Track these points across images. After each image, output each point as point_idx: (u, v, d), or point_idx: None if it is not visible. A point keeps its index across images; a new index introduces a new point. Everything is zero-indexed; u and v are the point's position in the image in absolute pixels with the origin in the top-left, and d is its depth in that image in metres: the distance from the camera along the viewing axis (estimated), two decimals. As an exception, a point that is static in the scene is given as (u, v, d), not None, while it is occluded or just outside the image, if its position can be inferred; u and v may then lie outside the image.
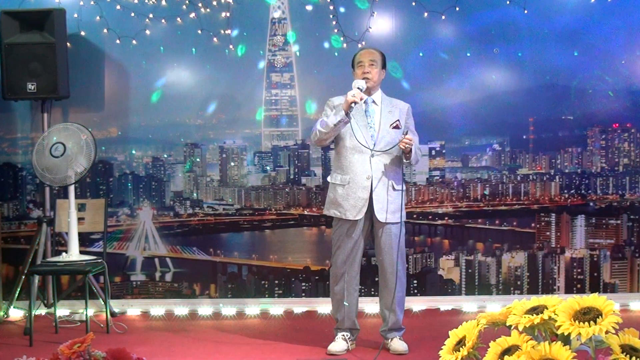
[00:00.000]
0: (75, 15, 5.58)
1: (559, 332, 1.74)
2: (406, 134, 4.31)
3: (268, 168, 5.91)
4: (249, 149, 5.90)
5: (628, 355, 1.73)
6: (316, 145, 4.67)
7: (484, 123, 5.82)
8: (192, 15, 5.64)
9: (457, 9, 5.59)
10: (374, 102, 4.47)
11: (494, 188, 5.85)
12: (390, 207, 4.36)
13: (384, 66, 4.50)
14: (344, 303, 4.46)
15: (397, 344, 4.48)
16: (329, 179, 4.58)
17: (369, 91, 4.42)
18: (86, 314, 4.93)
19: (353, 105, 4.23)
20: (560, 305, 1.79)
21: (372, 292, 5.54)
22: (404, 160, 4.38)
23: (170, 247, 5.86)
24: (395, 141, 4.34)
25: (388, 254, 4.43)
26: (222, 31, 5.68)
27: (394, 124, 4.40)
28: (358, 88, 4.27)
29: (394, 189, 4.37)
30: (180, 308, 5.63)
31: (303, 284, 5.79)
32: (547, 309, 1.81)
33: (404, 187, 4.50)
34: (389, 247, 4.41)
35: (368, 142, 4.36)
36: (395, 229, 4.39)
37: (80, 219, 5.22)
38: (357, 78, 4.40)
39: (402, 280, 4.49)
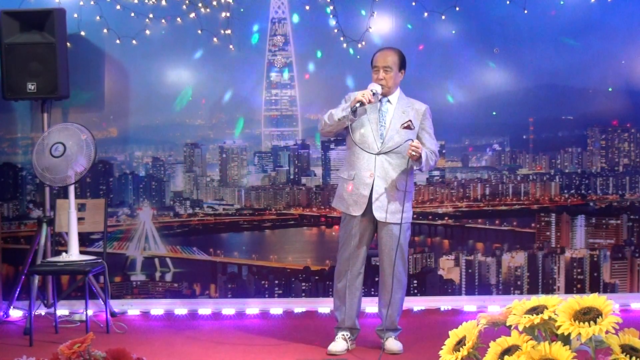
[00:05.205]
0: (75, 15, 5.57)
1: (559, 332, 1.74)
2: (409, 121, 4.29)
3: (268, 168, 5.91)
4: (249, 149, 5.89)
5: (628, 355, 1.73)
6: (321, 134, 4.72)
7: (484, 123, 5.82)
8: (192, 15, 5.64)
9: (457, 9, 5.58)
10: (389, 101, 4.46)
11: (494, 188, 5.85)
12: (390, 207, 4.35)
13: (402, 67, 4.47)
14: None
15: (392, 344, 4.49)
16: (339, 172, 4.65)
17: (384, 94, 4.44)
18: (86, 314, 4.93)
19: (358, 105, 4.24)
20: (560, 305, 1.79)
21: (372, 292, 5.54)
22: (411, 164, 4.32)
23: (170, 247, 5.86)
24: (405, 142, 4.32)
25: (388, 254, 4.43)
26: (222, 31, 5.67)
27: (405, 124, 4.37)
28: (372, 91, 4.28)
29: (397, 189, 4.37)
30: (180, 308, 5.64)
31: (303, 284, 5.78)
32: (547, 309, 1.80)
33: (411, 189, 4.50)
34: (389, 248, 4.41)
35: (377, 140, 4.37)
36: (396, 230, 4.38)
37: (80, 219, 5.22)
38: (373, 82, 4.42)
39: (401, 281, 4.49)
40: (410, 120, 4.39)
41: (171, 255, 5.86)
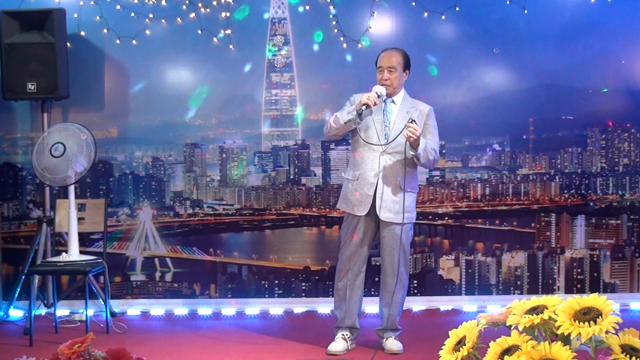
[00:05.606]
0: (75, 15, 5.57)
1: (559, 332, 1.74)
2: (412, 122, 4.25)
3: (268, 168, 5.91)
4: (249, 149, 5.89)
5: (628, 355, 1.73)
6: (327, 137, 4.72)
7: (484, 123, 5.82)
8: (192, 15, 5.64)
9: (457, 9, 5.58)
10: (393, 102, 4.47)
11: (494, 188, 5.85)
12: (394, 207, 4.36)
13: (406, 68, 4.48)
14: None
15: (392, 344, 4.49)
16: (343, 173, 4.68)
17: (389, 95, 4.44)
18: (86, 314, 4.93)
19: (364, 108, 4.24)
20: (560, 305, 1.79)
21: (372, 292, 5.53)
22: (411, 153, 4.27)
23: (170, 247, 5.85)
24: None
25: (389, 254, 4.43)
26: (222, 31, 5.67)
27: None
28: (376, 93, 4.29)
29: (401, 189, 4.37)
30: (180, 308, 5.64)
31: (303, 284, 5.78)
32: (547, 309, 1.80)
33: (415, 189, 4.50)
34: (391, 248, 4.42)
35: (381, 139, 4.38)
36: (399, 230, 4.39)
37: (80, 219, 5.22)
38: (377, 83, 4.41)
39: (403, 282, 4.49)
40: (414, 120, 4.38)
41: (171, 255, 5.86)
